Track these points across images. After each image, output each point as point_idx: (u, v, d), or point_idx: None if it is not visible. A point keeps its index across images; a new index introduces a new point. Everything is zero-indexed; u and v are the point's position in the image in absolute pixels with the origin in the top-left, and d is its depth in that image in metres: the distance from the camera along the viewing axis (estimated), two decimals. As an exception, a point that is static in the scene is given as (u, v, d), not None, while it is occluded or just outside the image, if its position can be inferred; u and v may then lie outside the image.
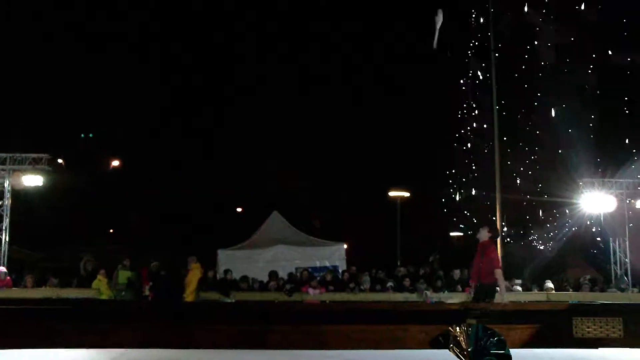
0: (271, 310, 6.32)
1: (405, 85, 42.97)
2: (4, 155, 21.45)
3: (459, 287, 18.65)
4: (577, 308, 7.61)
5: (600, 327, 6.76)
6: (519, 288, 19.37)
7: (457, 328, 6.01)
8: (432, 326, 6.01)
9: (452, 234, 35.10)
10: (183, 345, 6.36)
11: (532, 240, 28.75)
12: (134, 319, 6.04)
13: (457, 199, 29.83)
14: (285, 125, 41.83)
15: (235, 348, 7.17)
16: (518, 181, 27.67)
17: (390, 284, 19.17)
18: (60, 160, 23.57)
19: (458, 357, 5.87)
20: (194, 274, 16.92)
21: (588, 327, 6.69)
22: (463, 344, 6.09)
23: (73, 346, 6.99)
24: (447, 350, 5.92)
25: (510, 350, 6.06)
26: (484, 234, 10.88)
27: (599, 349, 6.97)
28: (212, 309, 6.54)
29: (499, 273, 10.01)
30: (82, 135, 38.64)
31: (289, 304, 6.75)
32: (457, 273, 19.55)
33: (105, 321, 6.15)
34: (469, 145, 29.10)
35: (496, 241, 11.43)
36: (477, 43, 28.99)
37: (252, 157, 41.51)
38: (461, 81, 29.20)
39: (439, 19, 11.90)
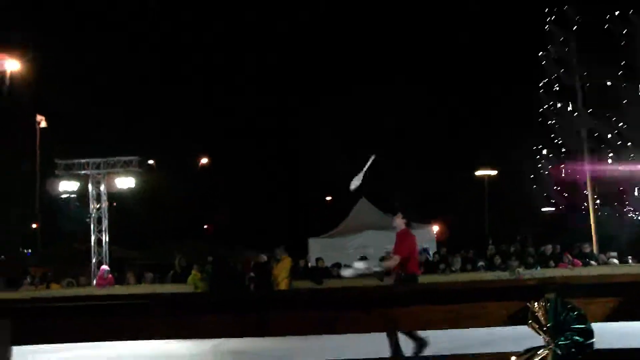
0: (342, 296, 6.40)
1: (485, 64, 42.48)
2: (98, 160, 22.40)
3: (552, 263, 18.41)
4: (662, 279, 7.37)
5: (689, 299, 6.52)
6: (616, 261, 18.99)
7: (536, 303, 5.95)
8: (512, 302, 5.94)
9: (543, 209, 34.47)
10: (259, 334, 6.56)
11: (627, 212, 27.92)
12: (212, 310, 6.22)
13: (547, 173, 29.19)
14: (368, 110, 41.86)
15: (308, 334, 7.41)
16: (609, 152, 26.90)
17: (481, 263, 19.12)
18: (150, 162, 24.35)
19: (537, 332, 5.84)
20: (284, 264, 17.25)
21: (675, 299, 6.47)
22: (542, 319, 6.02)
23: (165, 337, 7.32)
24: (526, 326, 5.89)
25: (592, 324, 5.96)
26: (399, 222, 9.70)
27: (688, 321, 6.75)
28: (286, 297, 6.69)
29: (395, 259, 9.09)
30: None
31: (361, 289, 6.88)
32: (549, 248, 19.32)
33: (193, 313, 6.36)
34: (553, 119, 28.40)
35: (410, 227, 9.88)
36: (554, 17, 28.19)
37: (338, 145, 41.71)
38: (540, 53, 28.42)
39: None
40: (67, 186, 22.82)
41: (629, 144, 26.39)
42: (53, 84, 32.05)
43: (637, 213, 28.19)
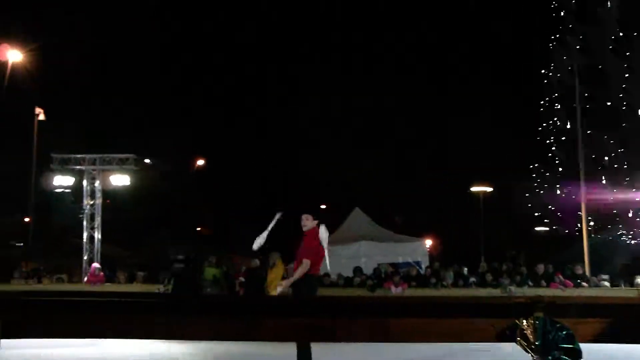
0: (339, 304, 6.42)
1: (487, 79, 42.61)
2: (94, 156, 22.31)
3: (543, 282, 18.38)
4: (653, 302, 7.38)
5: (678, 323, 6.53)
6: (607, 284, 18.95)
7: (525, 321, 5.97)
8: (500, 319, 5.96)
9: (536, 228, 34.48)
10: (252, 338, 6.57)
11: (620, 235, 27.95)
12: (205, 312, 6.25)
13: (541, 193, 29.27)
14: (368, 124, 41.97)
15: (303, 341, 7.40)
16: (604, 176, 26.99)
17: (472, 279, 19.07)
18: (147, 160, 24.27)
19: (525, 350, 5.85)
20: (278, 270, 17.15)
21: (664, 323, 6.49)
22: (531, 337, 6.04)
23: (153, 337, 7.35)
24: (514, 343, 5.90)
25: (581, 344, 5.98)
26: (309, 223, 9.19)
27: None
28: (281, 303, 6.71)
29: (305, 264, 8.74)
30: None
31: (354, 299, 6.89)
32: (540, 268, 19.24)
33: (187, 314, 6.38)
34: (552, 138, 28.51)
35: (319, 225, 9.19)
36: (558, 36, 28.40)
37: (336, 155, 41.78)
38: (542, 71, 28.61)
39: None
40: (62, 181, 22.64)
41: (625, 166, 26.50)
42: (54, 76, 32.03)
43: (630, 237, 28.24)
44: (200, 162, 41.51)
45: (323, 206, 48.30)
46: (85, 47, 39.07)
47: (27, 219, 32.92)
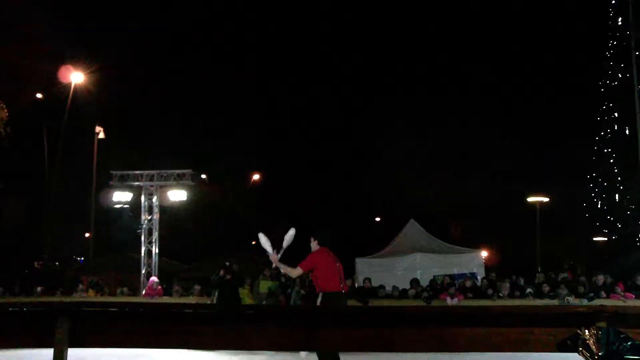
0: (397, 314, 6.43)
1: (543, 89, 42.18)
2: (152, 172, 22.67)
3: (603, 294, 18.01)
4: None
5: None
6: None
7: (587, 331, 5.86)
8: (561, 329, 5.88)
9: (595, 238, 33.87)
10: (309, 348, 6.63)
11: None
12: (263, 322, 6.33)
13: (600, 203, 28.73)
14: (421, 133, 41.83)
15: (362, 351, 7.46)
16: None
17: (529, 290, 18.81)
18: (203, 176, 24.59)
19: (587, 362, 5.75)
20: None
21: None
22: (594, 347, 5.93)
23: (208, 348, 7.47)
24: (576, 354, 5.81)
25: (645, 356, 5.86)
26: (313, 245, 9.94)
27: None
28: (339, 313, 6.74)
29: (296, 270, 9.63)
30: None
31: (414, 308, 6.87)
32: (600, 278, 18.85)
33: (239, 325, 6.47)
34: (610, 148, 27.99)
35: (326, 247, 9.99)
36: (615, 43, 27.97)
37: (390, 166, 41.73)
38: (600, 82, 28.22)
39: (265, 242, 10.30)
40: (121, 197, 23.06)
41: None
42: (112, 95, 32.74)
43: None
44: (256, 176, 41.86)
45: (377, 219, 48.42)
46: (142, 65, 39.84)
47: (87, 235, 33.68)
